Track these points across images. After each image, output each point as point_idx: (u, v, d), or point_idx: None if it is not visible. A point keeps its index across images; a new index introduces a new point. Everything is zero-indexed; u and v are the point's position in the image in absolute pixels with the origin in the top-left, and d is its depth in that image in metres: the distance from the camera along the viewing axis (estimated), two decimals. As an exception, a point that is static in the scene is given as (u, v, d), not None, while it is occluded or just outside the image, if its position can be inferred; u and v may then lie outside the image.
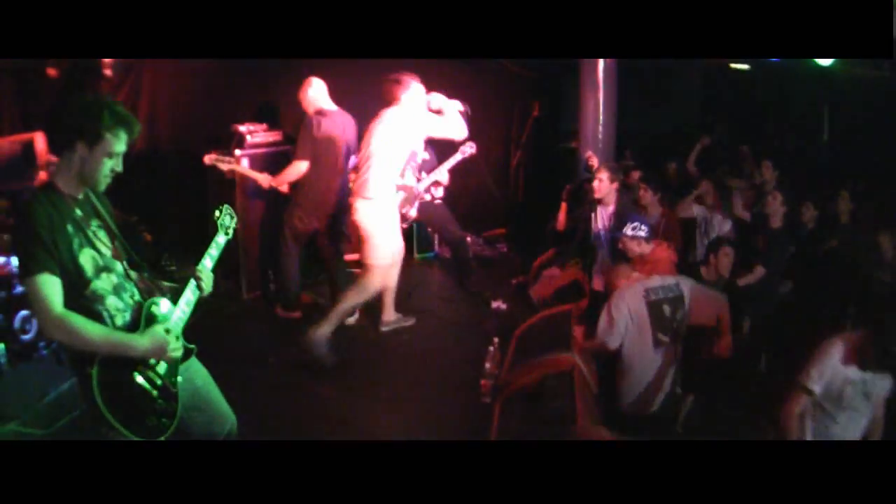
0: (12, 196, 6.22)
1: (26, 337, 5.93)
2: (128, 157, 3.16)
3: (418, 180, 7.43)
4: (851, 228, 7.09)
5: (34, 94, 7.92)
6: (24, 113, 7.92)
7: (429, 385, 5.92)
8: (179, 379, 3.29)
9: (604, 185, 6.91)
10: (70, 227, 2.99)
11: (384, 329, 7.02)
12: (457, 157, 7.48)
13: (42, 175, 6.48)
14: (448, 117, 6.33)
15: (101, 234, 3.16)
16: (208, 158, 6.88)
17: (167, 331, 3.17)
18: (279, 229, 7.08)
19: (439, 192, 7.81)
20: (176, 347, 3.18)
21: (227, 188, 7.30)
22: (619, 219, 6.57)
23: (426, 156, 7.53)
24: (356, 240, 6.54)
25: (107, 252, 3.14)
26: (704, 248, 6.99)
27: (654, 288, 5.29)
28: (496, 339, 5.91)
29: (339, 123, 6.85)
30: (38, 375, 5.46)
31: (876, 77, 8.96)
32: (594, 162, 7.73)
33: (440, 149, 7.63)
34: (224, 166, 6.90)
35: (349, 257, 7.47)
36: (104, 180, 3.11)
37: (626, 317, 5.21)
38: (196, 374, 3.52)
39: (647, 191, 7.02)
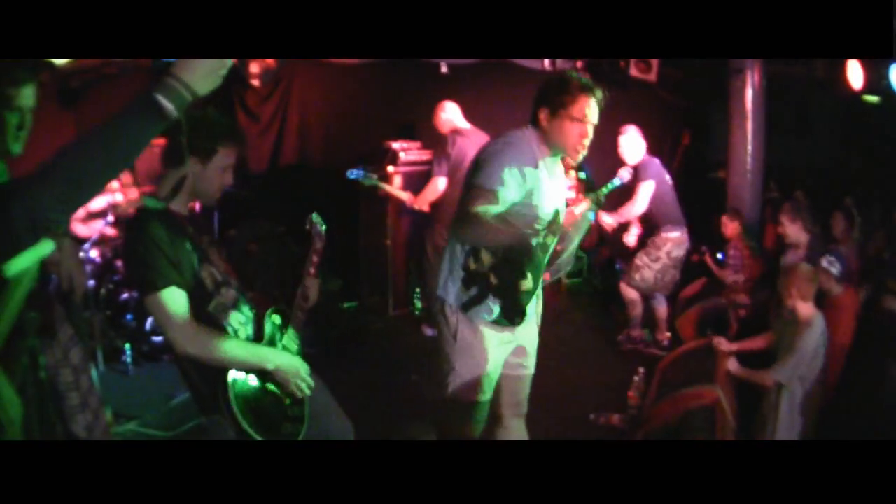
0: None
1: (157, 339, 6.01)
2: (278, 169, 3.12)
3: None
4: None
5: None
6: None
7: (568, 416, 5.77)
8: None
9: (789, 229, 6.46)
10: (188, 245, 2.97)
11: None
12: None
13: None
14: None
15: (213, 249, 3.14)
16: (352, 173, 6.96)
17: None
18: (423, 247, 7.12)
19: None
20: (307, 374, 3.13)
21: (378, 204, 7.40)
22: (811, 262, 6.23)
23: None
24: None
25: (221, 266, 3.13)
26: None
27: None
28: (642, 370, 5.85)
29: (473, 141, 6.70)
30: (164, 378, 5.50)
31: None
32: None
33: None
34: (368, 182, 6.96)
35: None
36: (216, 195, 3.10)
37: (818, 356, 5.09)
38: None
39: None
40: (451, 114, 6.91)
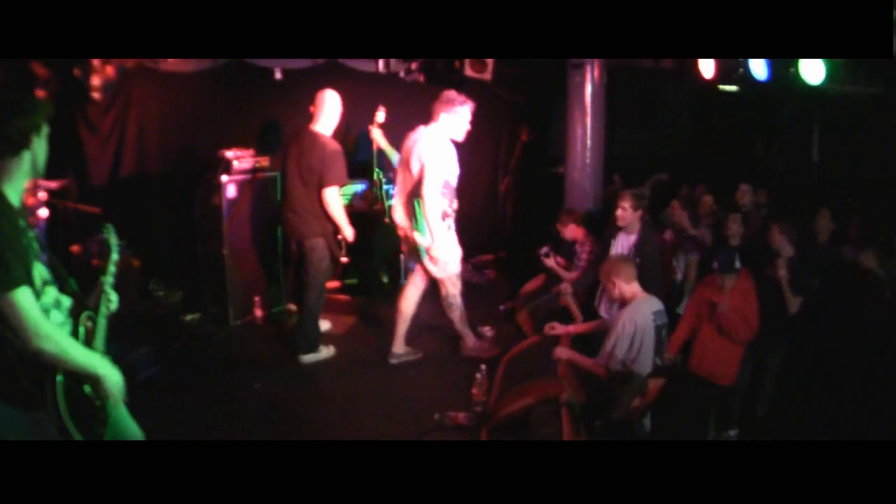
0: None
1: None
2: (118, 181, 3.14)
3: None
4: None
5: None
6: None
7: (415, 412, 5.79)
8: None
9: (627, 213, 6.54)
10: (23, 240, 2.83)
11: (393, 361, 6.86)
12: None
13: None
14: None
15: (35, 245, 2.98)
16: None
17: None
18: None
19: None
20: (121, 384, 3.11)
21: (213, 215, 7.30)
22: (640, 249, 6.40)
23: None
24: None
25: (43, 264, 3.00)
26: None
27: (659, 312, 5.31)
28: (483, 366, 5.88)
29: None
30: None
31: (866, 95, 8.91)
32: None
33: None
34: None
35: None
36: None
37: (637, 338, 5.19)
38: None
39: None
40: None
